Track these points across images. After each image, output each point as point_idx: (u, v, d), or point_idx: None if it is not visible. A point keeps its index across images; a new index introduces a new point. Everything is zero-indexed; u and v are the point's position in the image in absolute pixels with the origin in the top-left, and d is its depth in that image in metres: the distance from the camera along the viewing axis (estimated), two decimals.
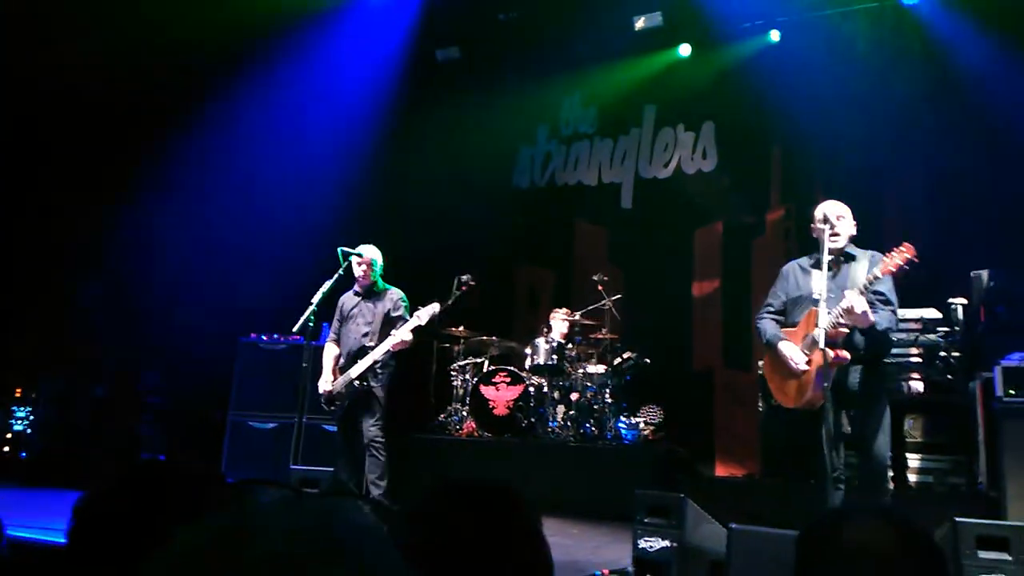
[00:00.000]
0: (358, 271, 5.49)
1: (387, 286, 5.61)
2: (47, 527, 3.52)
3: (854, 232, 4.12)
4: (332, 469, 4.66)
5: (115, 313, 7.75)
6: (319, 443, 6.34)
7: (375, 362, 5.29)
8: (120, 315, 7.74)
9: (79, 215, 7.70)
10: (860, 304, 3.70)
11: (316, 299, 5.36)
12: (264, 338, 6.87)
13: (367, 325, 5.45)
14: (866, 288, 3.78)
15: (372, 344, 5.32)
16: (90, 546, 1.09)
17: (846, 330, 3.84)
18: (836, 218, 4.01)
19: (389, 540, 0.60)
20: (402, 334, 5.23)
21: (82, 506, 1.13)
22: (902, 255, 3.69)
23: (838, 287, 3.96)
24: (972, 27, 6.60)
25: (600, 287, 7.18)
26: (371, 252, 5.57)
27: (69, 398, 7.18)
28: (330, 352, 5.57)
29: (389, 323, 5.35)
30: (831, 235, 3.96)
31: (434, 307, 5.33)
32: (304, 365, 5.46)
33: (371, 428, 5.27)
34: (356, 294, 5.61)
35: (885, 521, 1.16)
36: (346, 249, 5.47)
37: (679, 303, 7.95)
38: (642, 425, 6.89)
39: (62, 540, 1.16)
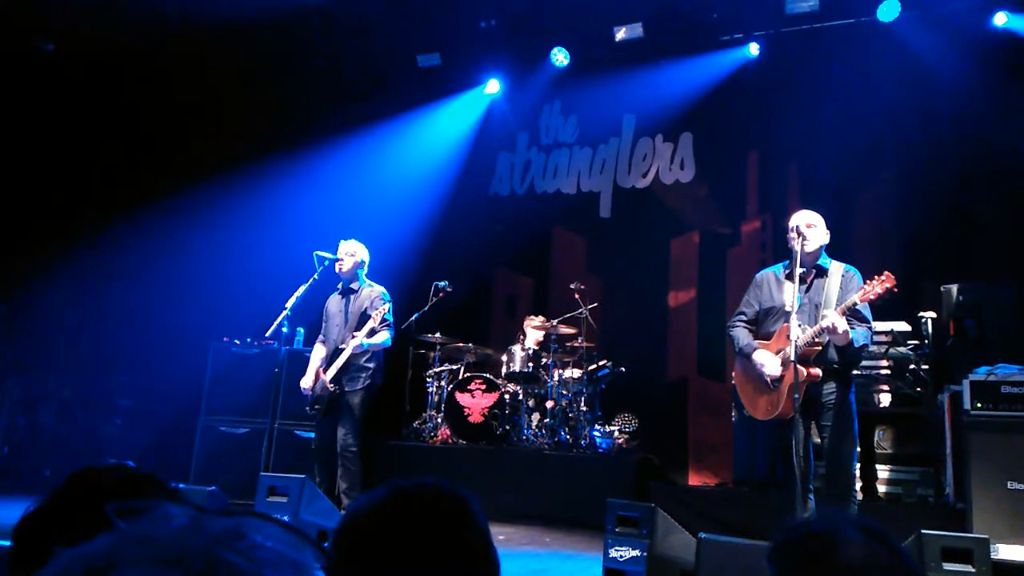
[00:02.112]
0: (339, 266, 5.41)
1: (367, 282, 5.51)
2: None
3: (826, 241, 4.16)
4: (303, 476, 4.60)
5: (83, 315, 7.63)
6: (291, 449, 6.28)
7: (348, 364, 5.22)
8: (88, 317, 7.62)
9: (52, 220, 7.60)
10: (841, 324, 3.74)
11: (290, 304, 5.32)
12: (237, 342, 6.79)
13: (343, 324, 5.38)
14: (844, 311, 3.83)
15: (344, 345, 5.25)
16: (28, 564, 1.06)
17: (819, 348, 3.89)
18: (806, 226, 4.08)
19: (305, 566, 0.56)
20: (359, 337, 5.15)
21: (19, 526, 1.11)
22: (882, 284, 3.72)
23: (811, 301, 4.01)
24: (947, 44, 6.71)
25: (577, 295, 7.19)
26: (353, 246, 5.48)
27: (35, 401, 7.04)
28: (316, 352, 5.49)
29: (365, 321, 5.24)
30: (803, 241, 4.01)
31: (385, 306, 5.25)
32: (276, 370, 5.41)
33: (345, 436, 5.19)
34: (339, 292, 5.54)
35: (880, 540, 1.13)
36: (321, 254, 5.43)
37: (655, 312, 7.98)
38: (616, 433, 6.90)
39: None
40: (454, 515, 1.03)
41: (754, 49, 7.73)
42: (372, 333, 5.23)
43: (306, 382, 5.31)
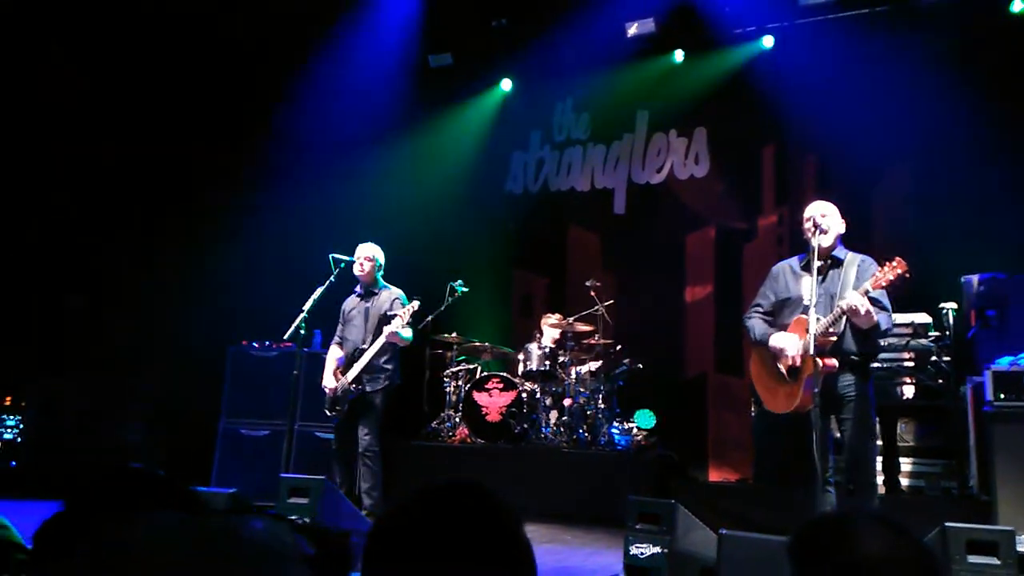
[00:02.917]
0: (358, 270, 5.48)
1: (386, 285, 5.58)
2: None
3: (842, 230, 4.13)
4: (323, 477, 4.63)
5: (102, 319, 7.71)
6: (311, 450, 6.32)
7: (371, 365, 5.27)
8: (107, 321, 7.70)
9: (70, 223, 7.68)
10: (861, 302, 3.71)
11: (307, 306, 5.37)
12: (255, 345, 6.84)
13: (363, 326, 5.43)
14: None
15: (366, 346, 5.30)
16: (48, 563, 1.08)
17: (834, 338, 3.85)
18: (821, 216, 4.05)
19: (291, 558, 0.57)
20: (386, 332, 5.20)
21: (40, 529, 1.13)
22: (894, 270, 3.69)
23: (826, 293, 3.98)
24: (965, 31, 6.63)
25: (593, 293, 7.18)
26: (371, 249, 5.54)
27: (58, 406, 7.12)
28: (332, 353, 5.56)
29: (385, 323, 5.30)
30: (820, 233, 3.98)
31: (414, 304, 5.32)
32: (295, 372, 5.45)
33: (365, 436, 5.24)
34: (357, 295, 5.60)
35: (897, 532, 1.12)
36: (337, 256, 5.48)
37: (672, 308, 7.95)
38: (635, 430, 6.88)
39: None
40: (490, 513, 1.03)
41: (768, 42, 7.68)
42: None
43: (328, 381, 5.36)
